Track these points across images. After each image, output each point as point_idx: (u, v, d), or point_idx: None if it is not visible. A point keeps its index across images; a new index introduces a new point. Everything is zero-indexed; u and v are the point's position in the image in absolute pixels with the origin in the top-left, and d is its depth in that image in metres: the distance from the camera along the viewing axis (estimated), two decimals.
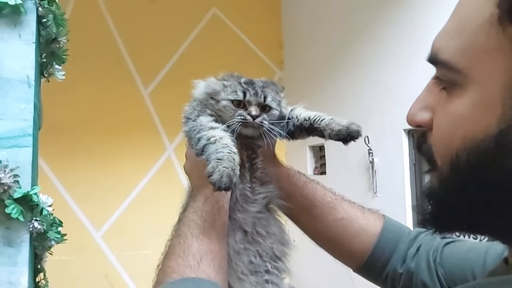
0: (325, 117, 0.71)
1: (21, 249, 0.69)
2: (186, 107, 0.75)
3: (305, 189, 0.74)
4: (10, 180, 0.67)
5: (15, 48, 0.69)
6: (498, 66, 0.36)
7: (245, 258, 0.69)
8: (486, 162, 0.37)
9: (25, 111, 0.69)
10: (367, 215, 0.73)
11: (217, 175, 0.60)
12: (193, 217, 0.64)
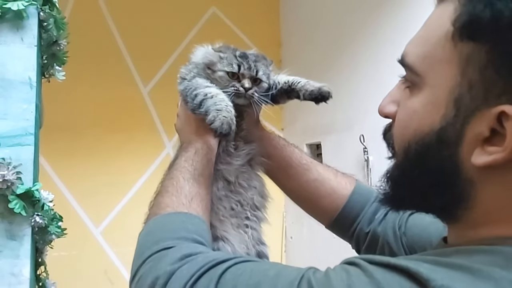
0: (301, 80, 0.79)
1: (23, 242, 0.72)
2: (182, 69, 0.81)
3: (284, 151, 0.81)
4: (13, 177, 0.70)
5: (17, 51, 0.72)
6: (447, 74, 0.43)
7: (226, 204, 0.77)
8: (428, 153, 0.44)
9: (27, 111, 0.72)
10: (339, 179, 0.79)
11: (218, 122, 0.67)
12: (185, 164, 0.70)
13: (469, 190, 0.43)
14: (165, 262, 0.53)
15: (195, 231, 0.61)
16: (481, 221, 0.44)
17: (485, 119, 0.41)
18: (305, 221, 2.68)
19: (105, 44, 3.05)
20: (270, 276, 0.45)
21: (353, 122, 2.32)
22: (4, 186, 0.69)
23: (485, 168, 0.42)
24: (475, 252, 0.40)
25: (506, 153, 0.40)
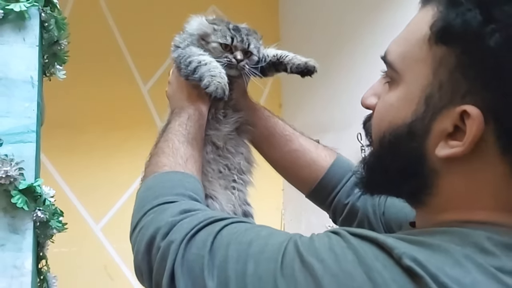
0: (289, 54, 0.83)
1: (26, 236, 0.74)
2: (176, 37, 0.84)
3: (268, 122, 0.85)
4: (16, 173, 0.72)
5: (20, 51, 0.74)
6: (421, 73, 0.47)
7: (214, 166, 0.81)
8: (400, 143, 0.49)
9: (29, 109, 0.74)
10: (319, 151, 0.83)
11: (213, 87, 0.71)
12: (179, 128, 0.74)
13: (433, 178, 0.48)
14: (167, 214, 0.57)
15: (191, 189, 0.64)
16: (443, 206, 0.48)
17: (450, 116, 0.45)
18: (303, 218, 2.70)
19: (105, 42, 3.07)
20: (262, 235, 0.49)
21: (351, 120, 2.34)
22: (7, 181, 0.71)
23: (447, 160, 0.46)
24: (436, 232, 0.44)
25: (465, 147, 0.44)
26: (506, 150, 0.44)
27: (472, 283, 0.38)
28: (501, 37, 0.41)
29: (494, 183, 0.45)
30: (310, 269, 0.42)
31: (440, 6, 0.46)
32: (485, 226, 0.44)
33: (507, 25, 0.41)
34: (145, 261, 0.56)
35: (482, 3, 0.42)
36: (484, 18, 0.42)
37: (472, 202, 0.46)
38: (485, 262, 0.40)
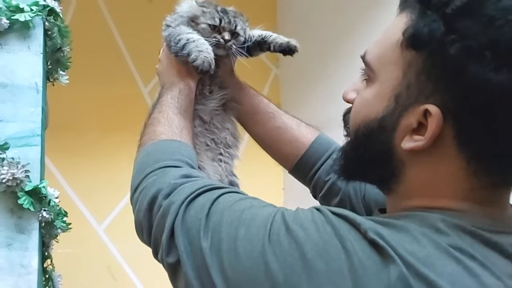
0: (273, 34, 0.89)
1: (32, 236, 0.77)
2: (167, 17, 0.89)
3: (252, 99, 0.90)
4: (22, 175, 0.75)
5: (25, 59, 0.77)
6: (393, 74, 0.52)
7: (202, 139, 0.85)
8: (371, 135, 0.54)
9: (34, 114, 0.78)
10: (301, 128, 0.87)
11: (200, 61, 0.76)
12: (172, 101, 0.78)
13: (400, 168, 0.53)
14: (169, 177, 0.61)
15: (188, 156, 0.69)
16: (408, 193, 0.53)
17: (415, 114, 0.50)
18: None
19: (106, 45, 3.09)
20: (254, 205, 0.54)
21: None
22: (14, 183, 0.75)
23: (412, 152, 0.51)
24: (400, 216, 0.50)
25: (426, 141, 0.49)
26: (463, 146, 0.49)
27: (427, 256, 0.44)
28: (460, 46, 0.45)
29: (452, 174, 0.50)
30: (294, 236, 0.47)
31: (413, 15, 0.50)
32: (442, 211, 0.49)
33: (466, 36, 0.45)
34: (146, 218, 0.61)
35: (446, 15, 0.46)
36: (446, 29, 0.46)
37: (433, 191, 0.51)
38: (439, 239, 0.45)
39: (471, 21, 0.45)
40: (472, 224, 0.48)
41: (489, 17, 0.45)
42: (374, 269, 0.44)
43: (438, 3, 0.47)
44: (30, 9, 0.77)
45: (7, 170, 0.74)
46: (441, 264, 0.44)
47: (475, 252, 0.45)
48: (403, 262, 0.43)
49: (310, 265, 0.45)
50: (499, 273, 0.45)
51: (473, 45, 0.45)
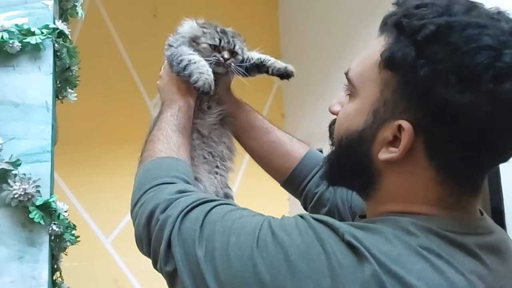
0: (271, 58, 0.95)
1: (42, 248, 0.80)
2: (170, 37, 0.93)
3: (248, 115, 0.95)
4: (33, 190, 0.78)
5: (36, 79, 0.81)
6: (372, 91, 0.57)
7: (200, 152, 0.89)
8: (352, 146, 0.59)
9: (44, 131, 0.81)
10: (293, 143, 0.92)
11: (201, 82, 0.81)
12: (171, 118, 0.83)
13: (377, 176, 0.58)
14: (165, 193, 0.66)
15: (184, 172, 0.74)
16: (384, 199, 0.58)
17: (390, 128, 0.55)
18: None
19: (112, 60, 3.15)
20: (243, 215, 0.59)
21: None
22: (26, 198, 0.78)
23: (388, 162, 0.56)
24: (376, 220, 0.55)
25: (400, 153, 0.54)
26: (432, 158, 0.54)
27: (398, 255, 0.49)
28: (429, 70, 0.50)
29: (424, 183, 0.55)
30: (279, 240, 0.52)
31: (390, 38, 0.55)
32: (413, 215, 0.54)
33: (434, 61, 0.50)
34: (145, 231, 0.65)
35: (417, 42, 0.52)
36: (417, 54, 0.51)
37: (406, 197, 0.56)
38: (409, 240, 0.50)
39: (439, 48, 0.50)
40: (439, 226, 0.53)
41: (454, 45, 0.50)
42: (350, 268, 0.48)
43: (410, 30, 0.52)
44: (41, 32, 0.81)
45: (19, 186, 0.77)
46: (411, 262, 0.49)
47: (441, 251, 0.50)
48: (376, 261, 0.48)
49: (294, 266, 0.50)
50: (463, 270, 0.50)
51: (440, 69, 0.50)
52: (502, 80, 0.49)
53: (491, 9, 0.54)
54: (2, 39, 0.79)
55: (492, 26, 0.51)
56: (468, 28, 0.50)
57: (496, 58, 0.49)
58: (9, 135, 0.79)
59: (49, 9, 0.84)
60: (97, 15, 3.11)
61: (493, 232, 0.58)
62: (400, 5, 0.56)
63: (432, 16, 0.52)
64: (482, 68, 0.49)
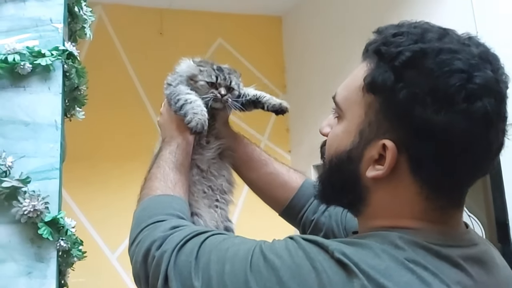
0: (266, 95, 0.98)
1: (50, 264, 0.81)
2: (169, 76, 0.96)
3: (246, 148, 0.98)
4: (42, 206, 0.80)
5: (45, 99, 0.84)
6: (357, 113, 0.60)
7: (199, 187, 0.91)
8: (342, 165, 0.62)
9: (53, 149, 0.83)
10: (290, 174, 0.96)
11: (194, 123, 0.84)
12: (169, 156, 0.86)
13: (366, 193, 0.61)
14: (160, 230, 0.69)
15: (179, 209, 0.77)
16: (374, 215, 0.61)
17: (376, 147, 0.58)
18: None
19: (119, 77, 3.20)
20: (236, 243, 0.61)
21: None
22: (35, 215, 0.79)
23: (375, 179, 0.59)
24: (366, 236, 0.58)
25: (385, 170, 0.57)
26: (415, 174, 0.57)
27: (385, 268, 0.52)
28: (407, 92, 0.54)
29: (409, 198, 0.58)
30: (271, 264, 0.55)
31: (371, 64, 0.59)
32: (400, 229, 0.57)
33: (411, 84, 0.54)
34: (142, 269, 0.67)
35: (395, 67, 0.56)
36: (396, 78, 0.55)
37: (394, 212, 0.59)
38: (397, 254, 0.53)
39: (415, 72, 0.55)
40: (425, 240, 0.55)
41: (429, 69, 0.54)
42: (340, 284, 0.51)
43: (389, 57, 0.57)
44: (51, 53, 0.84)
45: (29, 203, 0.79)
46: (398, 275, 0.51)
47: (427, 263, 0.53)
48: (365, 276, 0.51)
49: (286, 286, 0.52)
50: (448, 281, 0.52)
51: (417, 92, 0.54)
52: (474, 100, 0.53)
53: (462, 35, 0.59)
54: (14, 61, 0.82)
55: (463, 51, 0.55)
56: (441, 53, 0.55)
57: (468, 80, 0.53)
58: (20, 153, 0.81)
59: (59, 32, 0.87)
60: (105, 33, 3.18)
61: (477, 244, 0.61)
62: (380, 33, 0.61)
63: (408, 44, 0.56)
64: (455, 90, 0.53)
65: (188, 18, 3.34)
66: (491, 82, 0.54)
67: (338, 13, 2.94)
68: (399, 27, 0.60)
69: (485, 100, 0.53)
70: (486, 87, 0.54)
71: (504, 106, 0.57)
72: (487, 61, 0.56)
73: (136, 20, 3.28)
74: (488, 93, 0.54)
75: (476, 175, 0.60)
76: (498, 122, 0.56)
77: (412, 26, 0.59)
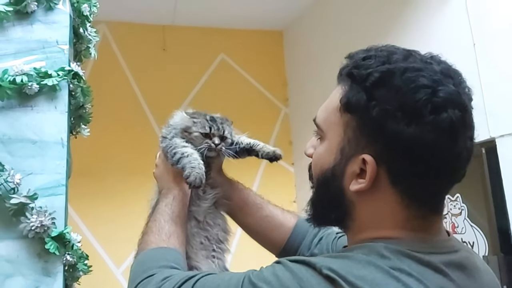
0: (260, 143, 1.01)
1: (57, 278, 0.83)
2: (163, 129, 0.99)
3: (241, 193, 1.01)
4: (49, 222, 0.82)
5: (52, 118, 0.87)
6: (337, 132, 0.65)
7: (197, 239, 0.93)
8: (327, 182, 0.66)
9: (59, 166, 0.86)
10: (285, 214, 1.00)
11: (193, 177, 0.86)
12: (165, 208, 0.88)
13: (351, 207, 0.65)
14: (153, 283, 0.72)
15: (173, 260, 0.79)
16: (360, 228, 0.65)
17: (356, 162, 0.62)
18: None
19: (123, 92, 3.24)
20: (225, 279, 0.65)
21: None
22: (42, 230, 0.81)
23: (358, 193, 0.63)
24: (354, 248, 0.62)
25: (367, 183, 0.61)
26: (395, 184, 0.61)
27: (372, 279, 0.55)
28: (379, 109, 0.59)
29: (391, 208, 0.62)
30: None
31: (345, 86, 0.64)
32: (385, 240, 0.61)
33: (382, 102, 0.59)
34: None
35: (366, 87, 0.61)
36: (368, 97, 0.60)
37: (378, 223, 0.63)
38: (383, 264, 0.56)
39: (385, 91, 0.59)
40: (409, 248, 0.59)
41: (397, 87, 0.59)
42: None
43: (360, 79, 0.62)
44: (57, 74, 0.87)
45: (36, 218, 0.81)
46: (385, 284, 0.55)
47: (412, 270, 0.56)
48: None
49: None
50: (431, 286, 0.56)
51: (388, 108, 0.58)
52: (440, 112, 0.58)
53: (425, 54, 0.64)
54: (22, 82, 0.85)
55: (426, 68, 0.61)
56: (407, 72, 0.60)
57: (433, 94, 0.58)
58: (27, 170, 0.84)
59: (64, 53, 0.91)
60: (109, 50, 3.24)
61: (458, 251, 0.64)
62: (351, 58, 0.66)
63: (376, 65, 0.61)
64: (422, 104, 0.58)
65: (190, 34, 3.39)
66: (454, 95, 0.59)
67: (338, 27, 2.99)
68: (368, 51, 0.65)
69: (450, 111, 0.58)
70: (450, 100, 0.59)
71: (469, 115, 0.62)
72: (448, 76, 0.61)
73: (139, 36, 3.33)
74: (452, 105, 0.58)
75: (450, 181, 0.63)
76: (464, 130, 0.60)
77: (379, 50, 0.64)
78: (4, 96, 0.84)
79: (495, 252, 1.81)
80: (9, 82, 0.84)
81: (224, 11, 3.27)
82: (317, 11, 3.24)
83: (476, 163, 1.91)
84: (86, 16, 0.99)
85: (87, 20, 1.00)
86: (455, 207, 2.03)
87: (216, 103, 3.28)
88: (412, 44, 2.46)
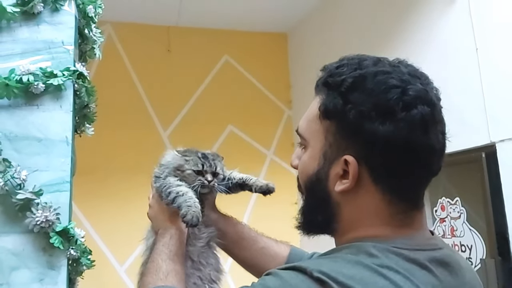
0: (252, 177, 1.03)
1: (61, 271, 0.86)
2: (155, 169, 1.00)
3: (236, 227, 1.03)
4: (54, 217, 0.85)
5: (57, 116, 0.89)
6: (318, 139, 0.68)
7: (192, 280, 0.94)
8: (313, 187, 0.69)
9: (64, 164, 0.88)
10: (279, 244, 1.03)
11: (189, 216, 0.87)
12: (163, 248, 0.90)
13: (337, 209, 0.67)
14: None
15: None
16: (347, 229, 0.68)
17: (339, 164, 0.65)
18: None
19: (128, 93, 3.27)
20: None
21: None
22: (47, 225, 0.84)
23: (343, 193, 0.66)
24: (342, 248, 0.65)
25: (350, 182, 0.64)
26: (377, 182, 0.64)
27: (361, 278, 0.57)
28: (355, 112, 0.63)
29: (375, 205, 0.65)
30: None
31: (323, 95, 0.68)
32: (373, 238, 0.64)
33: (357, 104, 0.63)
34: None
35: (341, 93, 0.65)
36: (343, 102, 0.64)
37: (363, 222, 0.66)
38: (371, 262, 0.59)
39: (358, 94, 0.63)
40: (395, 245, 0.62)
41: (369, 89, 0.63)
42: None
43: (335, 86, 0.66)
44: (62, 74, 0.89)
45: (41, 213, 0.84)
46: (373, 282, 0.57)
47: (399, 267, 0.59)
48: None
49: None
50: (418, 282, 0.58)
51: (363, 109, 0.62)
52: (411, 109, 0.62)
53: (393, 60, 0.68)
54: (28, 81, 0.87)
55: (395, 71, 0.65)
56: (377, 75, 0.64)
57: (403, 93, 0.62)
58: (33, 167, 0.87)
59: (70, 53, 0.93)
60: (114, 50, 3.27)
61: (442, 248, 0.67)
62: (325, 69, 0.71)
63: (349, 72, 0.66)
64: (394, 102, 0.62)
65: (195, 35, 3.42)
66: (422, 93, 0.63)
67: (342, 30, 3.01)
68: (340, 61, 0.70)
69: (420, 107, 0.62)
70: (419, 97, 0.63)
71: (438, 111, 0.65)
72: (416, 77, 0.66)
73: (144, 37, 3.37)
74: (421, 102, 0.63)
75: (427, 176, 0.67)
76: (435, 124, 0.64)
77: (350, 58, 0.69)
78: (11, 95, 0.87)
79: (492, 256, 1.82)
80: (16, 81, 0.87)
81: (229, 12, 3.30)
82: (321, 14, 3.26)
83: (476, 167, 1.92)
84: (91, 17, 1.01)
85: (92, 21, 1.03)
86: (454, 211, 2.04)
87: (219, 105, 3.32)
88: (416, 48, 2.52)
